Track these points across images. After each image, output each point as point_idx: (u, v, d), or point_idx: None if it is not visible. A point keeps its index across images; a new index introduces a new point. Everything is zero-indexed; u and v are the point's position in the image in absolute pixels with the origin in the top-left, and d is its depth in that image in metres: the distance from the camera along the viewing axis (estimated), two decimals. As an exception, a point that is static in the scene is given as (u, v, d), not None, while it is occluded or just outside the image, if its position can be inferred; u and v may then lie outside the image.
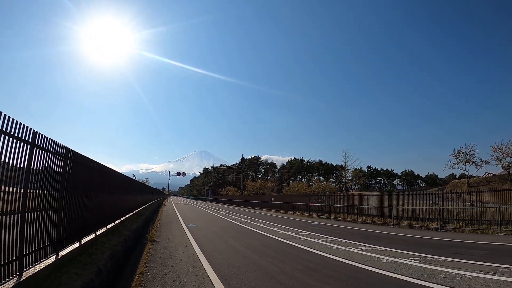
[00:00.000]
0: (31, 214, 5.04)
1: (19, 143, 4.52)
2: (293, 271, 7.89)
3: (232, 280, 6.93)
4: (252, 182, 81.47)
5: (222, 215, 31.27)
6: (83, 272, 5.90)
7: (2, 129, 4.06)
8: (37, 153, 5.14)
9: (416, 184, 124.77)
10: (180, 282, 6.67)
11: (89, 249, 7.81)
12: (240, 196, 75.77)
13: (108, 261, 7.36)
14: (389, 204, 24.87)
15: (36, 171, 5.20)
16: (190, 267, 8.14)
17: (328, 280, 7.02)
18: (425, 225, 20.22)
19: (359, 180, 60.56)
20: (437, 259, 9.35)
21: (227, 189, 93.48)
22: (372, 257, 9.80)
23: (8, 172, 4.41)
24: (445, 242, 13.54)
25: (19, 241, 4.65)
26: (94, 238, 8.87)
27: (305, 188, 62.93)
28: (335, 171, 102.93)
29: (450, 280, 6.98)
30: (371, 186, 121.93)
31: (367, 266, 8.45)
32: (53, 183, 5.99)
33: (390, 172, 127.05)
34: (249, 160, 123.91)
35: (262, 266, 8.39)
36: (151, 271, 7.47)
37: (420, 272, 7.78)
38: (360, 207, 27.93)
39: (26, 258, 4.90)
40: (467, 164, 46.22)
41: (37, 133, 5.02)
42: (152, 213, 27.90)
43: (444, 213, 20.21)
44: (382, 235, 16.29)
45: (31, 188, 5.05)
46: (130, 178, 20.64)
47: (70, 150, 6.76)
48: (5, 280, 4.28)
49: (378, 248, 11.42)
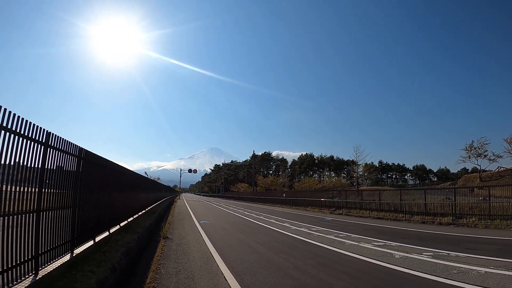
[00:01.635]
0: (46, 213, 5.13)
1: (33, 144, 4.59)
2: (306, 266, 7.90)
3: (245, 276, 6.96)
4: (263, 178, 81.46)
5: (234, 211, 31.35)
6: (97, 270, 5.98)
7: (17, 130, 4.12)
8: (51, 153, 5.21)
9: (428, 179, 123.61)
10: (194, 279, 6.71)
11: (103, 247, 7.91)
12: (252, 192, 75.76)
13: (122, 259, 7.44)
14: (401, 199, 24.66)
15: (50, 171, 5.27)
16: (203, 263, 8.18)
17: (341, 276, 7.01)
18: (437, 220, 20.05)
19: (371, 175, 60.29)
20: (450, 255, 9.27)
21: (238, 185, 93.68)
22: (385, 252, 9.76)
23: (23, 173, 4.48)
24: (458, 237, 13.42)
25: (34, 240, 4.74)
26: (108, 236, 8.98)
27: (317, 183, 62.74)
28: (346, 166, 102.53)
29: (463, 276, 6.92)
30: (383, 181, 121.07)
31: (380, 261, 8.41)
32: (66, 182, 6.07)
33: (402, 166, 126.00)
34: (260, 156, 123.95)
35: (275, 262, 8.41)
36: (165, 268, 7.52)
37: (433, 267, 7.72)
38: (372, 202, 27.76)
39: (42, 257, 4.98)
40: (479, 158, 45.69)
41: (50, 134, 5.09)
42: (164, 210, 28.09)
43: (456, 208, 19.99)
44: (395, 230, 16.20)
45: (46, 188, 5.12)
46: (141, 176, 20.79)
47: (83, 149, 6.84)
48: (21, 279, 4.37)
49: (391, 244, 11.37)
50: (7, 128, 3.91)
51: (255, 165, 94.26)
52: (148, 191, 22.64)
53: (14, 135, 4.08)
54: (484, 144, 44.61)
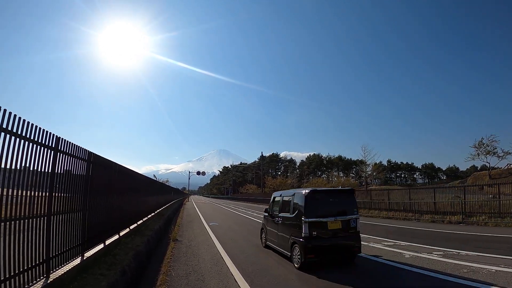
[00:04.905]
0: (56, 217, 5.17)
1: (43, 149, 4.64)
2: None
3: (256, 278, 6.98)
4: (272, 179, 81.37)
5: (243, 213, 31.41)
6: (108, 273, 6.02)
7: (27, 136, 4.18)
8: (61, 157, 5.25)
9: (437, 177, 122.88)
10: (204, 281, 6.75)
11: (113, 250, 7.96)
12: (260, 193, 75.63)
13: (132, 262, 7.48)
14: (410, 198, 24.50)
15: (60, 175, 5.32)
16: (213, 265, 8.22)
17: (350, 276, 7.00)
18: (447, 219, 19.88)
19: (379, 174, 59.98)
20: (460, 253, 9.22)
21: (247, 187, 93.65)
22: (395, 252, 9.72)
23: (33, 178, 4.54)
24: (468, 236, 13.31)
25: (45, 244, 4.79)
26: (118, 239, 9.03)
27: (325, 183, 62.70)
28: (354, 166, 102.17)
29: (474, 274, 6.88)
30: (392, 180, 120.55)
31: (390, 261, 8.39)
32: (76, 186, 6.12)
33: (410, 165, 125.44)
34: (268, 157, 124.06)
35: (285, 263, 8.41)
36: (175, 270, 7.58)
37: (443, 266, 7.69)
38: (381, 201, 27.61)
39: (53, 260, 5.03)
40: (488, 156, 45.30)
41: (60, 139, 5.14)
42: (173, 213, 28.20)
43: (466, 206, 19.78)
44: (404, 230, 16.10)
45: (56, 192, 5.18)
46: (150, 179, 20.87)
47: (92, 153, 6.89)
48: (33, 283, 4.42)
49: (401, 243, 11.31)
50: (17, 134, 3.96)
51: (263, 166, 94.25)
52: (157, 194, 22.72)
53: (24, 141, 4.13)
54: (493, 141, 44.26)
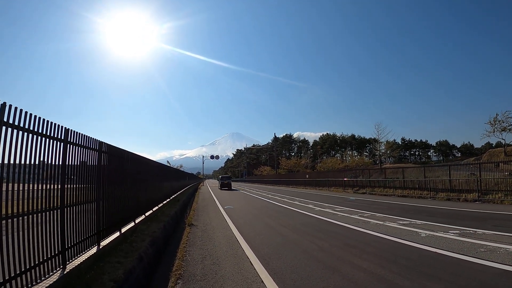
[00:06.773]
0: (70, 208, 5.22)
1: (53, 141, 4.65)
2: (332, 248, 7.88)
3: (271, 260, 6.98)
4: (286, 160, 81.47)
5: (258, 195, 31.51)
6: (125, 261, 6.09)
7: (34, 129, 4.18)
8: (71, 149, 5.27)
9: (452, 155, 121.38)
10: (219, 264, 6.78)
11: (129, 238, 8.05)
12: (275, 175, 75.93)
13: (149, 248, 7.56)
14: (425, 176, 24.30)
15: (71, 167, 5.35)
16: (229, 249, 8.26)
17: (367, 256, 6.95)
18: (462, 196, 19.69)
19: (393, 152, 59.37)
20: (477, 232, 9.10)
21: (261, 168, 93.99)
22: (410, 231, 9.64)
23: (45, 171, 4.56)
24: (484, 214, 13.15)
25: (60, 236, 4.84)
26: (134, 226, 9.13)
27: (339, 163, 62.36)
28: (368, 145, 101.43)
29: (491, 254, 6.77)
30: (406, 158, 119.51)
31: (405, 240, 8.32)
32: (89, 177, 6.17)
33: (425, 143, 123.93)
34: (282, 138, 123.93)
35: (300, 244, 8.41)
36: (191, 255, 7.62)
37: (460, 246, 7.59)
38: (395, 180, 27.44)
39: (69, 251, 5.10)
40: (504, 132, 44.42)
41: (69, 130, 5.13)
42: (188, 198, 28.44)
43: (482, 184, 19.55)
44: (420, 208, 15.99)
45: (68, 184, 5.21)
46: (164, 165, 21.01)
47: (103, 143, 6.90)
48: (49, 274, 4.48)
49: (416, 222, 11.22)
50: (24, 128, 3.96)
51: (277, 148, 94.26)
52: (171, 180, 22.90)
53: (32, 135, 4.13)
54: (509, 117, 43.23)
